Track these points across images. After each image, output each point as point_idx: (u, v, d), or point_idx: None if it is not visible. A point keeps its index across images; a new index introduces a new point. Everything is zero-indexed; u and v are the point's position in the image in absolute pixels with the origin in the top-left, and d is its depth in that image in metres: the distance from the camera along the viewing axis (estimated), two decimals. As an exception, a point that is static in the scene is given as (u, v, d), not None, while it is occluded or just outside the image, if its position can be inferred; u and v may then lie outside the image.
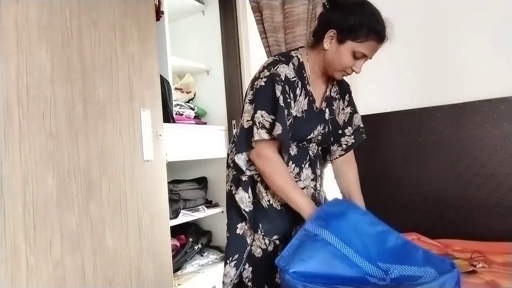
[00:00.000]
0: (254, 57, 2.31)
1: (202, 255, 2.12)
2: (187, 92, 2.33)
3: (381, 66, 1.92)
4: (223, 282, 1.23)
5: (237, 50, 2.28)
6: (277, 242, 1.20)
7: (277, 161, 1.14)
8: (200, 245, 2.11)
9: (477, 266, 1.30)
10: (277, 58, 1.20)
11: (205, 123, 2.29)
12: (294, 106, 1.18)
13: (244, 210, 1.18)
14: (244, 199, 1.19)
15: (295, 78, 1.17)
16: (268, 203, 1.20)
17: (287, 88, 1.14)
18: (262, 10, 1.98)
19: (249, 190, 1.21)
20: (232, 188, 1.24)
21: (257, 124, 1.11)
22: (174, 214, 1.89)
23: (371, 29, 1.10)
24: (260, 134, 1.11)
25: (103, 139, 1.29)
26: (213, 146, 2.15)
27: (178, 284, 1.82)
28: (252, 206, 1.20)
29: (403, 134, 1.84)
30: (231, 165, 1.27)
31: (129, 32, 1.41)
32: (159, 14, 1.93)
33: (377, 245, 0.98)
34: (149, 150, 1.44)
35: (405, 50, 1.86)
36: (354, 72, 1.18)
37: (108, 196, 1.29)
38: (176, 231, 2.00)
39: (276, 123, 1.09)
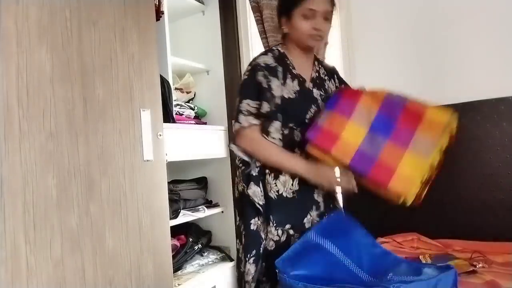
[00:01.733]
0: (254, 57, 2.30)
1: (202, 255, 2.12)
2: (187, 92, 2.33)
3: (381, 66, 1.92)
4: (245, 281, 1.21)
5: (237, 50, 2.28)
6: (291, 231, 1.21)
7: (261, 139, 1.21)
8: (200, 245, 2.11)
9: (477, 266, 1.30)
10: (258, 54, 1.31)
11: (205, 123, 2.29)
12: (284, 89, 1.23)
13: (258, 203, 1.20)
14: (257, 192, 1.21)
15: (275, 64, 1.25)
16: (277, 194, 1.21)
17: (266, 72, 1.22)
18: (262, 10, 1.98)
19: (260, 184, 1.23)
20: (244, 188, 1.25)
21: (244, 112, 1.20)
22: (174, 214, 1.89)
23: None
24: (248, 120, 1.20)
25: (103, 139, 1.29)
26: (213, 146, 2.15)
27: (178, 284, 1.82)
28: (264, 200, 1.22)
29: (403, 134, 1.83)
30: (239, 164, 1.29)
31: (129, 33, 1.41)
32: (159, 14, 1.93)
33: (376, 263, 1.00)
34: (149, 150, 1.44)
35: (405, 50, 1.86)
36: (321, 32, 1.23)
37: (108, 196, 1.29)
38: (176, 231, 2.00)
39: (263, 102, 1.18)
